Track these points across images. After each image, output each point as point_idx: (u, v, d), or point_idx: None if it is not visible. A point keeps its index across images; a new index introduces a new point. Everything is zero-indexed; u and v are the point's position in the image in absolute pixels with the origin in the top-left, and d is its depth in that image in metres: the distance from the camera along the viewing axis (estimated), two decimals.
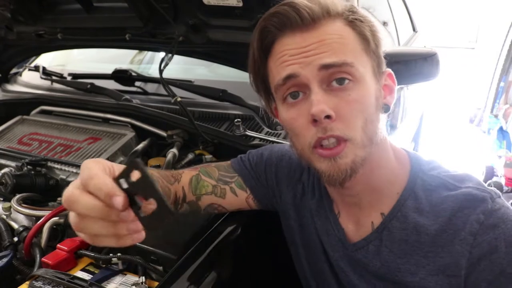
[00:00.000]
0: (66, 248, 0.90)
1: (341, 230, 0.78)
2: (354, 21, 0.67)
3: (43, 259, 0.88)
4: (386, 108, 0.71)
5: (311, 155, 0.68)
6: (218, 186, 0.88)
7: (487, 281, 0.62)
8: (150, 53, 2.06)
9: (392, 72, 0.74)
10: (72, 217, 0.52)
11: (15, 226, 1.06)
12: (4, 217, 1.10)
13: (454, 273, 0.64)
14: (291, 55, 0.66)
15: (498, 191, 0.68)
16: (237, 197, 0.89)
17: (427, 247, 0.67)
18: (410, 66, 1.17)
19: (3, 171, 1.24)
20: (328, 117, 0.63)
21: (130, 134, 1.41)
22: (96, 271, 0.87)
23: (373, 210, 0.74)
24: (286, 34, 0.67)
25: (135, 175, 0.49)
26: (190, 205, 0.87)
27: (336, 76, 0.64)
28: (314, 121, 0.64)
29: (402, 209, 0.70)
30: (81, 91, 1.70)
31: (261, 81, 0.74)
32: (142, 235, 0.53)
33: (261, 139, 1.28)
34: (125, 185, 0.49)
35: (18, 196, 1.15)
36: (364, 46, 0.67)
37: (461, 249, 0.64)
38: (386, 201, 0.73)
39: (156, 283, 0.81)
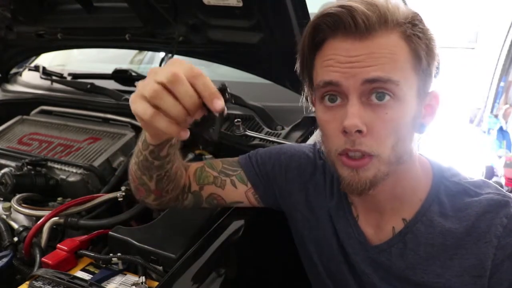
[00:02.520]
0: (66, 248, 0.90)
1: (361, 233, 0.79)
2: (411, 36, 0.64)
3: (43, 259, 0.88)
4: (422, 128, 0.70)
5: (336, 160, 0.69)
6: (219, 177, 0.89)
7: (509, 281, 0.65)
8: (150, 53, 2.06)
9: (439, 94, 0.71)
10: (156, 87, 0.56)
11: (15, 226, 1.06)
12: (4, 217, 1.10)
13: (480, 273, 0.67)
14: (337, 62, 0.65)
15: None
16: (236, 189, 0.89)
17: (453, 250, 0.69)
18: None
19: (3, 171, 1.24)
20: (359, 131, 0.63)
21: (130, 134, 1.41)
22: (96, 271, 0.87)
23: (394, 216, 0.75)
24: (337, 37, 0.65)
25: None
26: (194, 195, 0.89)
27: (377, 90, 0.63)
28: (345, 132, 0.64)
29: (427, 214, 0.72)
30: (81, 91, 1.70)
31: (307, 73, 0.73)
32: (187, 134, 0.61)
33: (261, 139, 1.27)
34: None
35: (18, 196, 1.15)
36: (415, 64, 0.65)
37: (486, 251, 0.66)
38: (407, 207, 0.74)
39: (156, 283, 0.81)
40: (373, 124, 0.64)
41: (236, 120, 1.29)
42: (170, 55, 1.35)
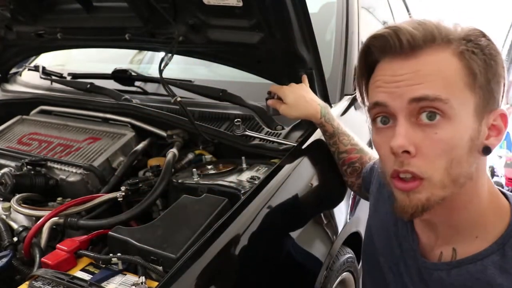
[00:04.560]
0: (66, 248, 0.90)
1: (415, 240, 0.78)
2: (464, 52, 0.62)
3: (42, 259, 0.88)
4: (486, 150, 0.65)
5: (390, 183, 0.69)
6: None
7: None
8: (150, 53, 2.06)
9: (506, 113, 0.66)
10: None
11: (15, 226, 1.06)
12: (4, 217, 1.10)
13: None
14: (384, 82, 0.65)
15: None
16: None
17: None
18: None
19: (3, 171, 1.24)
20: (408, 152, 0.63)
21: (130, 134, 1.41)
22: (96, 271, 0.87)
23: (446, 243, 0.72)
24: (386, 58, 0.66)
25: None
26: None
27: (425, 110, 0.62)
28: (394, 153, 0.64)
29: (485, 261, 0.66)
30: (81, 91, 1.70)
31: (365, 97, 0.75)
32: None
33: (261, 139, 1.27)
34: None
35: (17, 196, 1.15)
36: (469, 81, 0.62)
37: None
38: (461, 239, 0.70)
39: (156, 283, 0.81)
40: (422, 144, 0.62)
41: (236, 120, 1.29)
42: (170, 55, 1.34)
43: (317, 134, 1.25)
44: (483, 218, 0.68)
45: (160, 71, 1.33)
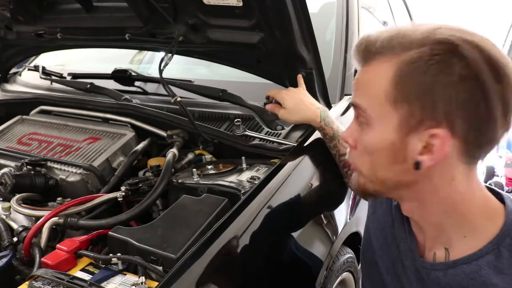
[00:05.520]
0: (65, 248, 0.90)
1: (413, 240, 0.80)
2: (402, 67, 0.62)
3: (42, 259, 0.88)
4: (416, 165, 0.65)
5: None
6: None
7: None
8: (150, 53, 2.06)
9: (443, 136, 0.61)
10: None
11: (15, 226, 1.06)
12: (4, 217, 1.10)
13: None
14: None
15: None
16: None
17: None
18: None
19: (2, 171, 1.24)
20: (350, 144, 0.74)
21: (130, 134, 1.41)
22: (95, 271, 0.87)
23: (436, 243, 0.74)
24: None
25: None
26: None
27: (357, 115, 0.72)
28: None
29: (479, 261, 0.67)
30: (81, 91, 1.70)
31: None
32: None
33: (261, 139, 1.27)
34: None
35: (17, 196, 1.15)
36: (394, 96, 0.63)
37: None
38: (450, 239, 0.71)
39: (156, 283, 0.81)
40: (358, 140, 0.72)
41: (236, 120, 1.29)
42: (170, 55, 1.34)
43: (317, 134, 1.25)
44: (467, 219, 0.69)
45: (160, 71, 1.33)
